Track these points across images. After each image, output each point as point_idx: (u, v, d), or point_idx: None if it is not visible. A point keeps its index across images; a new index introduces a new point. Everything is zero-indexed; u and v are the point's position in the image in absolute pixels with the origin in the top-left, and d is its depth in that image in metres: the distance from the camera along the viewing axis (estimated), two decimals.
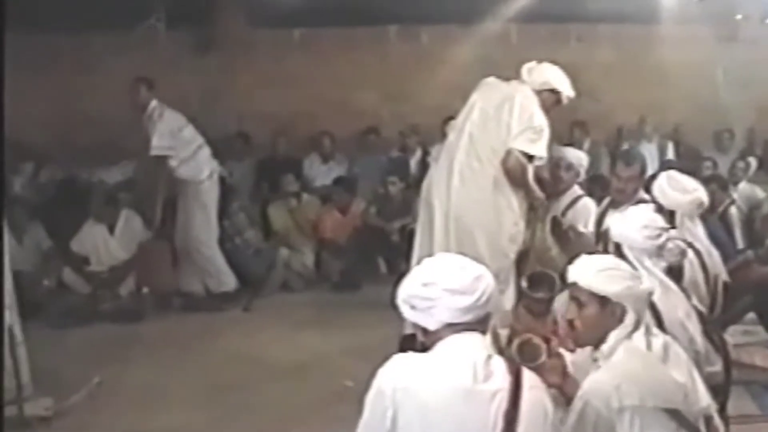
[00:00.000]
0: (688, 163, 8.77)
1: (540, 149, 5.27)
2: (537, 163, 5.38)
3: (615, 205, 5.25)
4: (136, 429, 4.82)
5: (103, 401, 5.28)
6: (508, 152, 5.21)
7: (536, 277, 4.89)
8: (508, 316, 4.94)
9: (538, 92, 5.34)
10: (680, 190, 4.83)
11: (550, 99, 5.39)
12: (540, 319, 4.61)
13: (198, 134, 7.52)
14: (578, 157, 6.03)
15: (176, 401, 5.27)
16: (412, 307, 2.51)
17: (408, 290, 2.53)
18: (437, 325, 2.48)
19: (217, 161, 7.70)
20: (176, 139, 7.28)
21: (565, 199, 5.86)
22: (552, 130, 5.42)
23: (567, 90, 5.43)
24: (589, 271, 3.04)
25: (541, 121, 5.25)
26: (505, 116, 5.26)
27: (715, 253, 4.77)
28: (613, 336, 2.97)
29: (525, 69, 5.45)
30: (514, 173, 5.24)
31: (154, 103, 7.24)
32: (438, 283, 2.46)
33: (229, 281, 7.71)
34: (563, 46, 9.64)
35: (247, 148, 9.42)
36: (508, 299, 5.13)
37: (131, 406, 5.17)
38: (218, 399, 5.27)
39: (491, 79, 5.54)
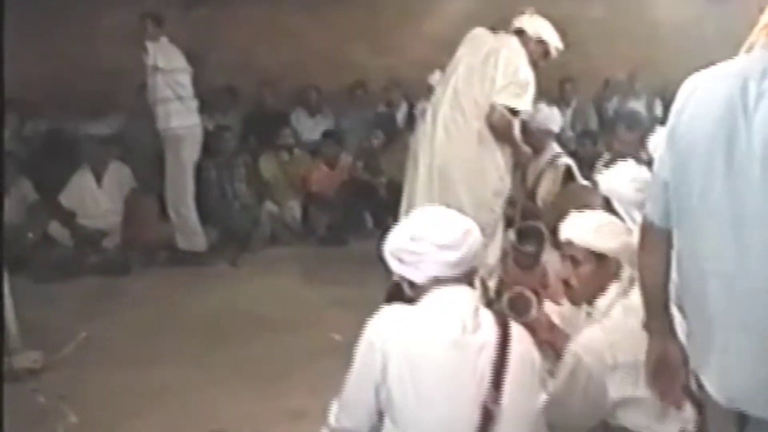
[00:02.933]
0: None
1: (525, 104, 5.18)
2: (522, 117, 5.31)
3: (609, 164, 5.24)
4: (124, 382, 4.83)
5: (91, 355, 5.29)
6: (492, 107, 5.12)
7: (525, 230, 4.92)
8: (496, 268, 4.97)
9: (526, 43, 5.28)
10: None
11: (537, 50, 5.29)
12: (528, 271, 4.65)
13: (190, 86, 7.44)
14: (550, 116, 5.98)
15: (165, 356, 5.27)
16: (400, 261, 2.52)
17: (396, 243, 2.53)
18: (424, 279, 2.49)
19: (206, 115, 7.65)
20: (168, 72, 7.23)
21: (545, 156, 5.86)
22: (541, 86, 5.38)
23: (555, 41, 5.33)
24: (584, 229, 3.06)
25: (526, 74, 5.16)
26: (490, 70, 5.18)
27: None
28: (612, 291, 2.99)
29: (514, 20, 5.38)
30: (498, 128, 5.16)
31: (163, 39, 7.20)
32: (426, 238, 2.46)
33: (199, 243, 7.62)
34: (553, 0, 9.56)
35: (234, 102, 9.35)
36: (494, 252, 5.14)
37: (119, 360, 5.18)
38: (206, 353, 5.28)
39: (479, 31, 5.45)
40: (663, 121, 7.17)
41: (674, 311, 2.55)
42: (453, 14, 9.23)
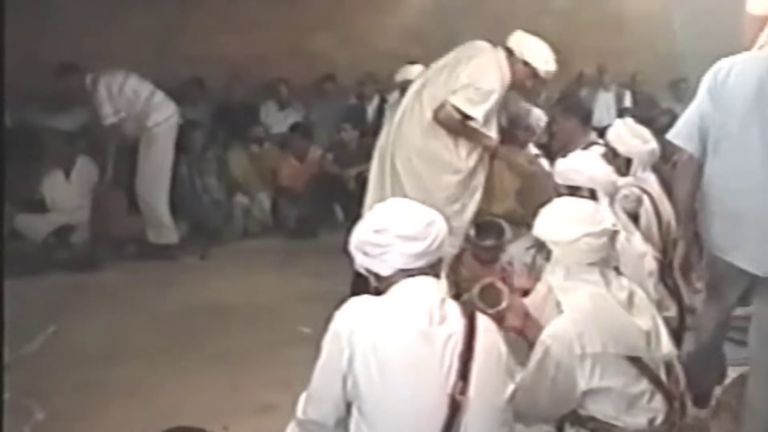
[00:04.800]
0: (644, 111, 8.81)
1: (477, 112, 5.03)
2: (472, 124, 5.12)
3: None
4: (93, 378, 4.79)
5: (59, 350, 5.24)
6: (443, 103, 5.03)
7: (484, 225, 4.92)
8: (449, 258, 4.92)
9: (513, 64, 5.13)
10: (640, 138, 4.87)
11: (523, 71, 5.15)
12: (487, 266, 4.64)
13: (144, 83, 7.40)
14: (537, 117, 5.95)
15: (133, 350, 5.25)
16: (365, 254, 2.51)
17: (360, 237, 2.53)
18: (390, 270, 2.48)
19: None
20: (119, 100, 7.24)
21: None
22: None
23: (543, 64, 5.15)
24: (541, 216, 3.16)
25: (491, 85, 5.03)
26: (460, 68, 5.11)
27: (666, 200, 4.79)
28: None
29: (509, 37, 5.28)
30: (443, 125, 5.08)
31: (88, 78, 7.18)
32: (390, 230, 2.46)
33: (170, 236, 7.59)
34: None
35: (201, 94, 9.25)
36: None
37: (88, 356, 5.14)
38: (175, 347, 5.26)
39: (480, 42, 5.36)
40: (634, 113, 7.19)
41: None
42: (422, 5, 9.21)
